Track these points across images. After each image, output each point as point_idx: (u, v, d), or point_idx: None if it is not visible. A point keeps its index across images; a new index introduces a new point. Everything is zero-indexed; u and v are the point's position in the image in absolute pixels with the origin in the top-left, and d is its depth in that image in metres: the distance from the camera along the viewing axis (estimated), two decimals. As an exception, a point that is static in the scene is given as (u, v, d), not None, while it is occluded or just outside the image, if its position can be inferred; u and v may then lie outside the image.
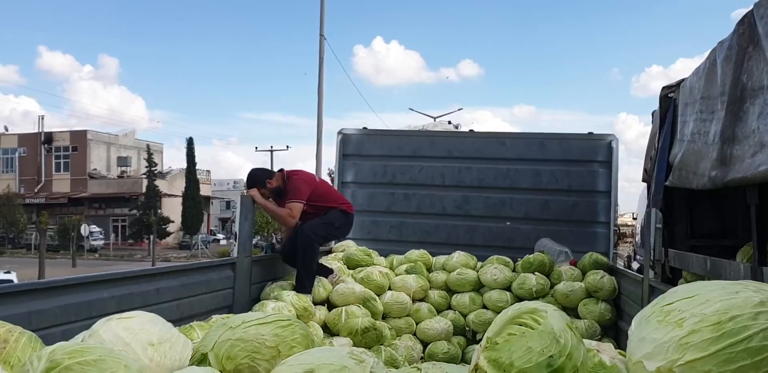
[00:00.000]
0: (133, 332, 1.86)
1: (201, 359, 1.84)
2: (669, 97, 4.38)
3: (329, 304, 5.01)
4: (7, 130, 49.59)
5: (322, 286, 4.96)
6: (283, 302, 4.41)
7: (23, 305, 2.82)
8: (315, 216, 5.04)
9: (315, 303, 4.81)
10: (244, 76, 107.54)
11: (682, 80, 4.12)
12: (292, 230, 5.45)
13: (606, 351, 1.62)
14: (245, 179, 5.23)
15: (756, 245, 2.97)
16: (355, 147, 6.96)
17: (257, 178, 5.04)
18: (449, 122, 8.03)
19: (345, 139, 6.96)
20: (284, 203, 4.92)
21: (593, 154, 6.39)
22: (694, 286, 1.28)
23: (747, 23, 2.80)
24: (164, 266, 4.18)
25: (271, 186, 5.01)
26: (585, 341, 1.64)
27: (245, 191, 5.03)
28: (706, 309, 1.15)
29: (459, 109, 48.77)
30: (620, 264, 16.48)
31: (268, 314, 1.91)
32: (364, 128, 7.14)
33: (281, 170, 5.20)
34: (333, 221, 5.10)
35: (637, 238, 15.04)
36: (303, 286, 4.84)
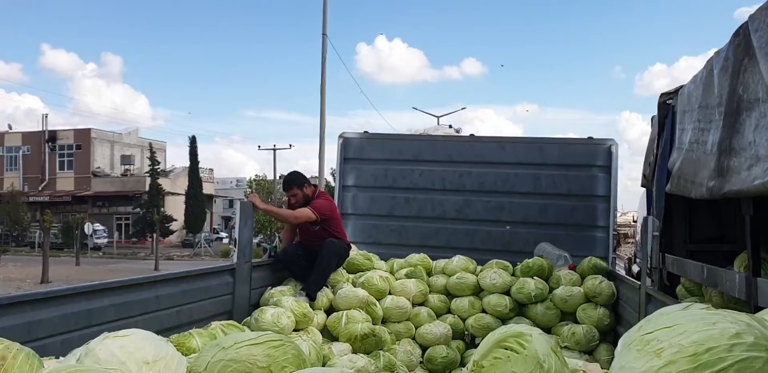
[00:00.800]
0: (129, 350, 1.88)
1: (194, 379, 1.87)
2: (667, 104, 4.39)
3: (331, 307, 5.05)
4: (10, 128, 49.68)
5: (325, 295, 5.04)
6: (282, 308, 4.44)
7: (23, 315, 2.85)
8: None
9: (316, 310, 4.86)
10: (246, 75, 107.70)
11: (681, 87, 4.13)
12: (291, 233, 5.58)
13: (592, 372, 1.64)
14: (284, 180, 5.63)
15: (750, 255, 2.98)
16: (356, 151, 6.98)
17: (297, 180, 5.44)
18: (450, 126, 8.04)
19: (346, 143, 6.98)
20: (320, 224, 5.25)
21: (593, 159, 6.40)
22: (674, 315, 1.29)
23: (742, 35, 2.80)
24: (163, 274, 4.21)
25: (306, 191, 5.34)
26: (572, 361, 1.66)
27: (246, 197, 5.17)
28: (684, 340, 1.16)
29: (462, 108, 48.69)
30: (621, 266, 16.51)
31: (260, 334, 1.94)
32: (365, 132, 7.17)
33: (315, 185, 5.60)
34: (347, 249, 5.49)
35: (638, 237, 15.05)
36: (312, 291, 4.97)
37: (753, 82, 2.68)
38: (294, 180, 5.42)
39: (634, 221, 21.21)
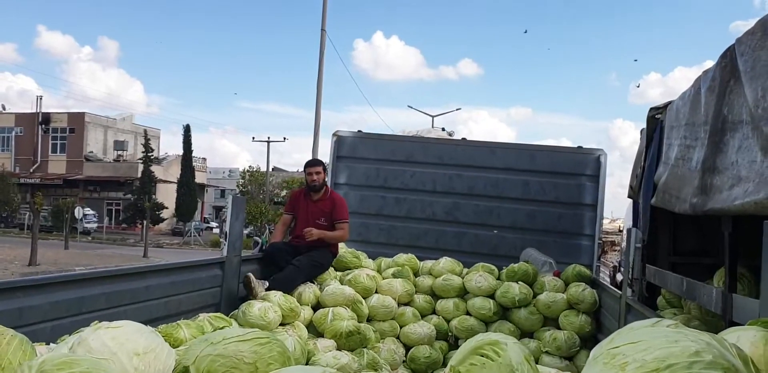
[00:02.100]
0: (120, 341, 1.95)
1: (182, 372, 1.94)
2: (656, 118, 4.48)
3: (318, 304, 5.11)
4: (4, 108, 49.33)
5: (312, 292, 5.08)
6: (269, 303, 4.50)
7: (14, 300, 2.90)
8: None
9: (303, 305, 4.93)
10: (243, 65, 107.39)
11: (670, 103, 4.21)
12: (284, 228, 5.69)
13: (564, 380, 1.71)
14: (313, 159, 6.00)
15: (728, 271, 3.07)
16: (350, 149, 7.05)
17: (323, 164, 5.81)
18: (443, 129, 8.12)
19: (340, 141, 7.05)
20: (329, 221, 5.51)
21: (582, 168, 6.51)
22: (641, 331, 1.38)
23: (729, 57, 2.88)
24: (154, 264, 4.28)
25: (324, 176, 5.67)
26: (545, 369, 1.73)
27: (311, 231, 5.33)
28: (647, 356, 1.24)
29: (457, 109, 48.91)
30: (606, 273, 16.59)
31: (248, 331, 2.02)
32: (359, 131, 7.24)
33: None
34: (330, 260, 5.59)
35: (624, 244, 15.18)
36: (276, 287, 4.93)
37: (738, 105, 2.75)
38: (322, 162, 5.86)
39: (620, 230, 21.40)
